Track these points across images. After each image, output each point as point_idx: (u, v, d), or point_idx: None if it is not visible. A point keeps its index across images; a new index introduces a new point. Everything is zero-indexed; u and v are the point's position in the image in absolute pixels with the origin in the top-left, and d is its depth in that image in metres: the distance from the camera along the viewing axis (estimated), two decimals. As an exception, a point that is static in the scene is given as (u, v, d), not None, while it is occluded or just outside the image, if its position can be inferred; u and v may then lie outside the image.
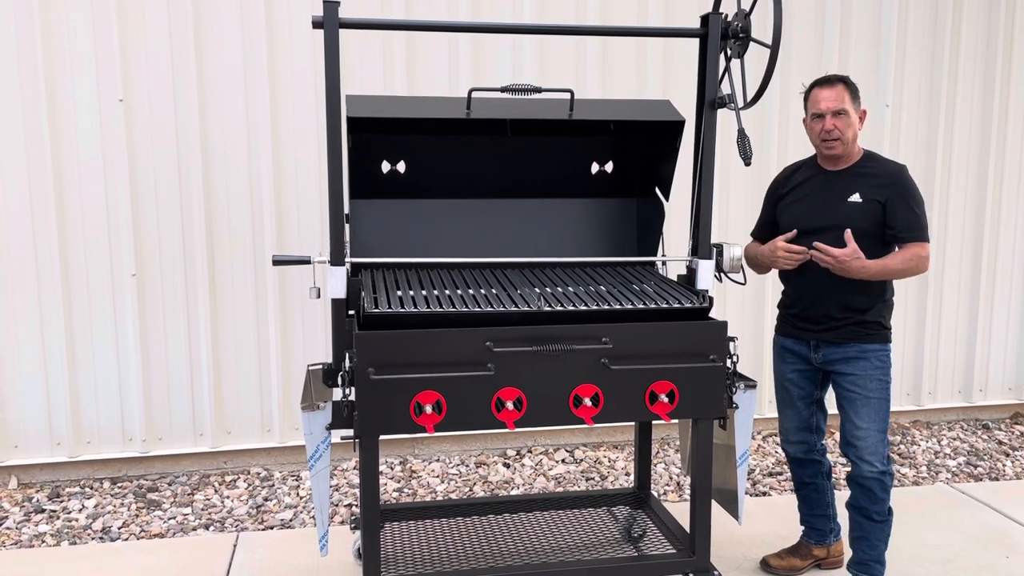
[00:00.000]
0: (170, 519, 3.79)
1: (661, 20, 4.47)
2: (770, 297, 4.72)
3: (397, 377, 2.42)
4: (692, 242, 2.88)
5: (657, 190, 3.11)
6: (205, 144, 4.09)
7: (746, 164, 2.67)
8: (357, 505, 3.82)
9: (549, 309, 2.53)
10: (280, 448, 4.37)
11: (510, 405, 2.50)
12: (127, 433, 4.21)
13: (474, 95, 2.77)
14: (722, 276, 2.88)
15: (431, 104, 3.11)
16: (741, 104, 2.73)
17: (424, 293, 2.66)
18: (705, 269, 2.83)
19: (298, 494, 4.08)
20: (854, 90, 2.88)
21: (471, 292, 2.67)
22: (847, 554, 3.26)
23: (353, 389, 2.45)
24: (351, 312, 2.63)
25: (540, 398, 2.52)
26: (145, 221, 4.08)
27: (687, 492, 4.00)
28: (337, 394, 2.54)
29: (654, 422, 3.16)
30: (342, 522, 3.73)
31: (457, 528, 3.20)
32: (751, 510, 3.68)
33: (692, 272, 2.87)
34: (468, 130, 2.98)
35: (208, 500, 4.00)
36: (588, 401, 2.54)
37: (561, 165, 3.13)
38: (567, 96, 2.82)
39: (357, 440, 2.48)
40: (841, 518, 3.26)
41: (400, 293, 2.65)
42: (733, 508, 2.89)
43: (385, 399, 2.43)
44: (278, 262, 2.70)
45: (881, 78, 4.80)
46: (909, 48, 4.83)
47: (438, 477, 4.29)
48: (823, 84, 2.88)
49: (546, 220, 3.15)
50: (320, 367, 2.75)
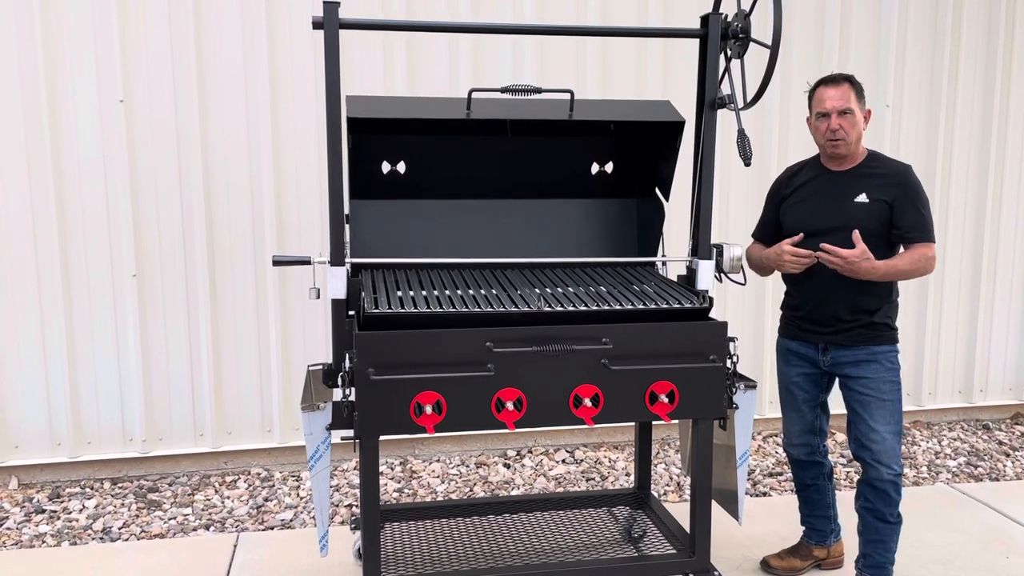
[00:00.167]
0: (170, 519, 3.79)
1: (661, 20, 4.48)
2: (770, 297, 4.72)
3: (397, 377, 2.43)
4: (692, 242, 2.88)
5: (657, 190, 3.11)
6: (205, 144, 4.09)
7: (746, 164, 2.67)
8: (357, 505, 3.82)
9: (549, 309, 2.53)
10: (280, 448, 4.38)
11: (510, 405, 2.50)
12: (127, 433, 4.21)
13: (474, 95, 2.77)
14: (722, 276, 2.88)
15: (431, 104, 3.11)
16: (741, 104, 2.73)
17: (424, 293, 2.66)
18: (705, 269, 2.82)
19: (298, 494, 4.08)
20: (860, 89, 2.85)
21: (471, 292, 2.67)
22: (847, 554, 3.27)
23: (353, 389, 2.45)
24: (351, 312, 2.63)
25: (540, 398, 2.52)
26: (145, 221, 4.09)
27: (687, 492, 4.00)
28: (337, 394, 2.54)
29: (654, 422, 3.16)
30: (342, 522, 3.73)
31: (457, 528, 3.20)
32: (751, 510, 3.68)
33: (692, 272, 2.87)
34: (468, 130, 2.98)
35: (208, 500, 4.00)
36: (588, 401, 2.54)
37: (561, 165, 3.13)
38: (567, 96, 2.82)
39: (357, 440, 2.48)
40: (842, 518, 3.26)
41: (400, 293, 2.65)
42: (733, 508, 2.89)
43: (385, 399, 2.43)
44: (278, 262, 2.70)
45: (881, 78, 4.80)
46: (909, 48, 4.83)
47: (438, 477, 4.29)
48: (828, 83, 2.85)
49: (546, 220, 3.15)
50: (320, 367, 2.75)
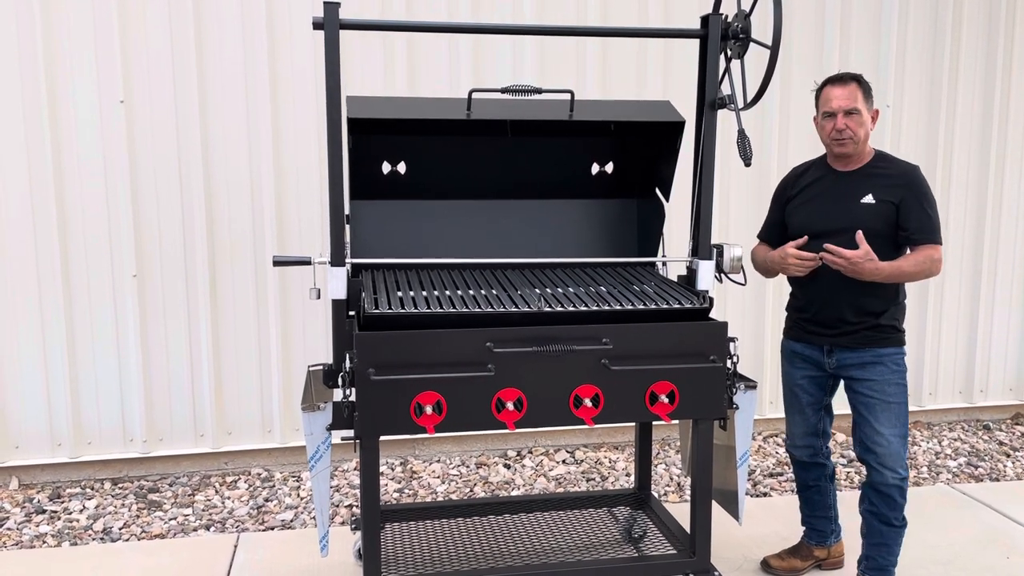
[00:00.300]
0: (171, 520, 3.79)
1: (661, 21, 4.48)
2: (770, 298, 4.72)
3: (397, 378, 2.43)
4: (692, 243, 2.88)
5: (657, 191, 3.11)
6: (206, 145, 4.09)
7: (746, 165, 2.67)
8: (358, 506, 3.82)
9: (549, 310, 2.53)
10: (281, 449, 4.38)
11: (510, 406, 2.50)
12: (128, 434, 4.21)
13: (474, 96, 2.77)
14: (722, 277, 2.87)
15: (431, 105, 3.11)
16: (741, 105, 2.73)
17: (424, 294, 2.66)
18: (705, 270, 2.82)
19: (299, 495, 4.08)
20: (867, 89, 2.82)
21: (471, 293, 2.67)
22: (848, 554, 3.26)
23: (353, 390, 2.45)
24: (351, 313, 2.63)
25: (540, 399, 2.52)
26: (146, 222, 4.09)
27: (687, 493, 4.00)
28: (338, 395, 2.54)
29: (654, 423, 3.16)
30: (343, 523, 3.73)
31: (458, 529, 3.20)
32: (751, 511, 3.68)
33: (692, 273, 2.87)
34: (468, 131, 2.98)
35: (209, 501, 4.00)
36: (588, 402, 2.54)
37: (561, 166, 3.13)
38: (567, 97, 2.82)
39: (357, 441, 2.49)
40: (845, 519, 3.26)
41: (400, 294, 2.65)
42: (733, 509, 2.89)
43: (385, 400, 2.44)
44: (279, 263, 2.70)
45: (881, 78, 4.79)
46: (909, 48, 4.83)
47: (439, 478, 4.29)
48: (835, 82, 2.82)
49: (546, 221, 3.15)
50: (321, 368, 2.75)
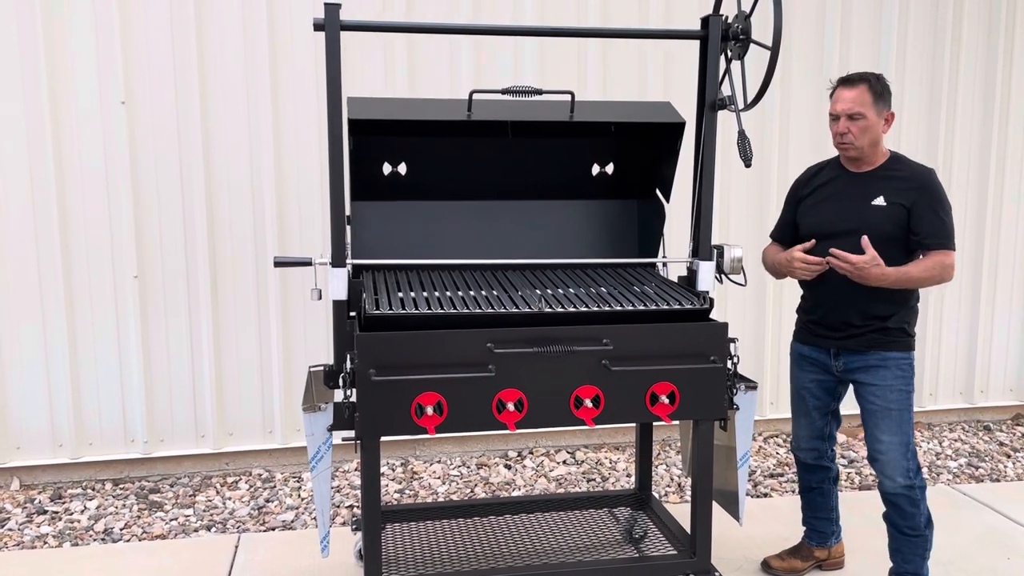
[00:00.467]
0: (172, 520, 3.79)
1: (662, 22, 4.48)
2: (771, 299, 4.72)
3: (398, 378, 2.43)
4: (693, 243, 2.88)
5: (658, 191, 3.11)
6: (207, 146, 4.10)
7: (747, 165, 2.67)
8: (358, 506, 3.83)
9: (550, 310, 2.53)
10: (282, 449, 4.38)
11: (511, 406, 2.50)
12: (129, 435, 4.22)
13: (475, 97, 2.77)
14: (722, 277, 2.87)
15: (432, 106, 3.12)
16: (741, 106, 2.73)
17: (425, 294, 2.66)
18: (706, 270, 2.82)
19: (299, 495, 4.09)
20: (879, 91, 2.77)
21: (472, 293, 2.68)
22: (848, 555, 3.26)
23: (354, 390, 2.46)
24: (352, 313, 2.64)
25: (541, 399, 2.52)
26: (147, 223, 4.09)
27: (688, 493, 4.01)
28: (338, 395, 2.54)
29: (655, 423, 3.16)
30: (343, 523, 3.73)
31: (458, 529, 3.20)
32: (752, 511, 3.68)
33: (693, 273, 2.87)
34: (469, 132, 2.98)
35: (210, 501, 4.00)
36: (589, 402, 2.54)
37: (562, 167, 3.13)
38: (568, 98, 2.82)
39: (358, 441, 2.49)
40: (845, 520, 3.26)
41: (401, 294, 2.65)
42: (734, 509, 2.89)
43: (386, 400, 2.44)
44: (280, 264, 2.70)
45: (882, 79, 4.80)
46: (909, 48, 4.83)
47: (439, 478, 4.29)
48: (845, 83, 2.79)
49: (547, 222, 3.15)
50: (321, 368, 2.75)
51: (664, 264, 3.11)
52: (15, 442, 4.12)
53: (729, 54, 2.79)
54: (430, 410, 2.45)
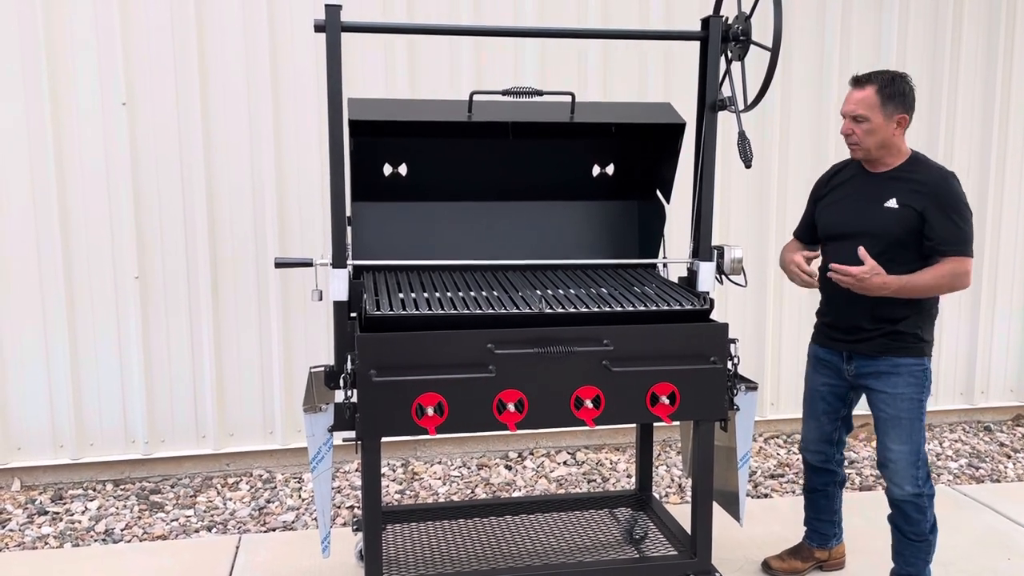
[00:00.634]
0: (173, 521, 3.80)
1: (662, 23, 4.48)
2: (771, 299, 4.72)
3: (399, 379, 2.43)
4: (693, 244, 2.88)
5: (658, 192, 3.12)
6: (208, 147, 4.10)
7: (747, 166, 2.67)
8: (359, 507, 3.83)
9: (550, 311, 2.54)
10: (282, 450, 4.38)
11: (511, 407, 2.51)
12: (130, 435, 4.22)
13: (475, 98, 2.78)
14: (723, 278, 2.88)
15: (433, 107, 3.12)
16: (742, 106, 2.74)
17: (426, 295, 2.66)
18: (706, 271, 2.83)
19: (300, 496, 4.09)
20: (891, 93, 2.67)
21: (472, 294, 2.68)
22: (849, 556, 3.26)
23: (355, 391, 2.46)
24: (353, 314, 2.64)
25: (541, 400, 2.53)
26: (148, 224, 4.09)
27: (688, 494, 4.00)
28: (339, 396, 2.54)
29: (655, 424, 3.16)
30: (344, 524, 3.74)
31: (459, 530, 3.20)
32: (752, 512, 3.68)
33: (693, 274, 2.87)
34: (470, 133, 2.98)
35: (210, 502, 4.01)
36: (589, 403, 2.55)
37: (562, 167, 3.13)
38: (568, 99, 2.82)
39: (359, 442, 2.49)
40: (848, 521, 3.25)
41: (402, 295, 2.65)
42: (734, 510, 2.90)
43: (387, 401, 2.44)
44: (280, 264, 2.71)
45: (882, 80, 4.79)
46: (909, 48, 4.83)
47: (440, 479, 4.29)
48: (854, 83, 2.73)
49: (547, 222, 3.15)
50: (322, 369, 2.75)
51: (664, 265, 3.11)
52: (16, 443, 4.12)
53: (729, 55, 2.79)
54: (431, 411, 2.45)
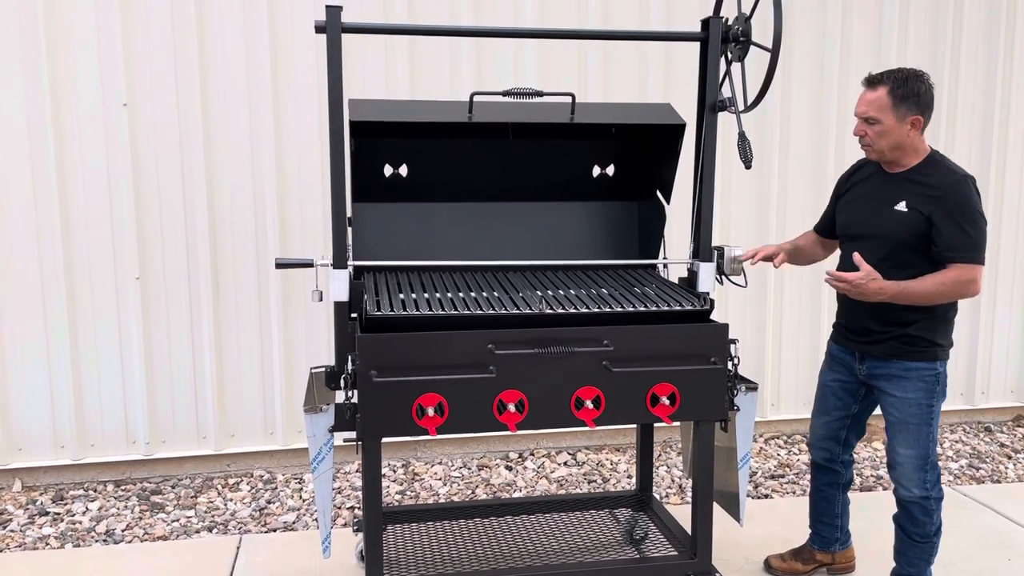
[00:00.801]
0: (173, 522, 3.80)
1: (663, 24, 4.48)
2: (771, 299, 4.72)
3: (399, 379, 2.43)
4: (693, 245, 2.89)
5: (658, 193, 3.12)
6: (208, 147, 4.10)
7: (747, 167, 2.68)
8: (360, 507, 3.83)
9: (551, 311, 2.54)
10: (283, 451, 4.38)
11: (512, 407, 2.51)
12: (131, 436, 4.22)
13: (476, 99, 2.78)
14: (723, 279, 2.88)
15: (433, 108, 3.13)
16: (742, 107, 2.74)
17: (426, 296, 2.67)
18: (706, 272, 2.83)
19: (301, 496, 4.09)
20: (903, 94, 2.60)
21: (473, 295, 2.68)
22: (858, 558, 3.25)
23: (356, 392, 2.46)
24: (353, 315, 2.64)
25: (542, 400, 2.53)
26: (148, 225, 4.10)
27: (689, 494, 4.01)
28: (340, 396, 2.55)
29: (656, 424, 3.17)
30: (345, 524, 3.74)
31: (459, 530, 3.21)
32: (752, 512, 3.68)
33: (693, 275, 2.88)
34: (470, 134, 2.99)
35: (211, 503, 4.01)
36: (590, 403, 2.55)
37: (563, 168, 3.14)
38: (568, 99, 2.83)
39: (359, 442, 2.49)
40: (856, 525, 3.24)
41: (402, 296, 2.66)
42: (734, 510, 2.90)
43: (387, 401, 2.44)
44: (281, 265, 2.71)
45: (882, 81, 4.80)
46: (910, 49, 4.83)
47: (440, 479, 4.30)
48: (867, 83, 2.68)
49: (548, 223, 3.16)
50: (323, 370, 2.76)
51: (665, 265, 3.12)
52: (17, 443, 4.13)
53: (729, 56, 2.79)
54: (431, 411, 2.46)
